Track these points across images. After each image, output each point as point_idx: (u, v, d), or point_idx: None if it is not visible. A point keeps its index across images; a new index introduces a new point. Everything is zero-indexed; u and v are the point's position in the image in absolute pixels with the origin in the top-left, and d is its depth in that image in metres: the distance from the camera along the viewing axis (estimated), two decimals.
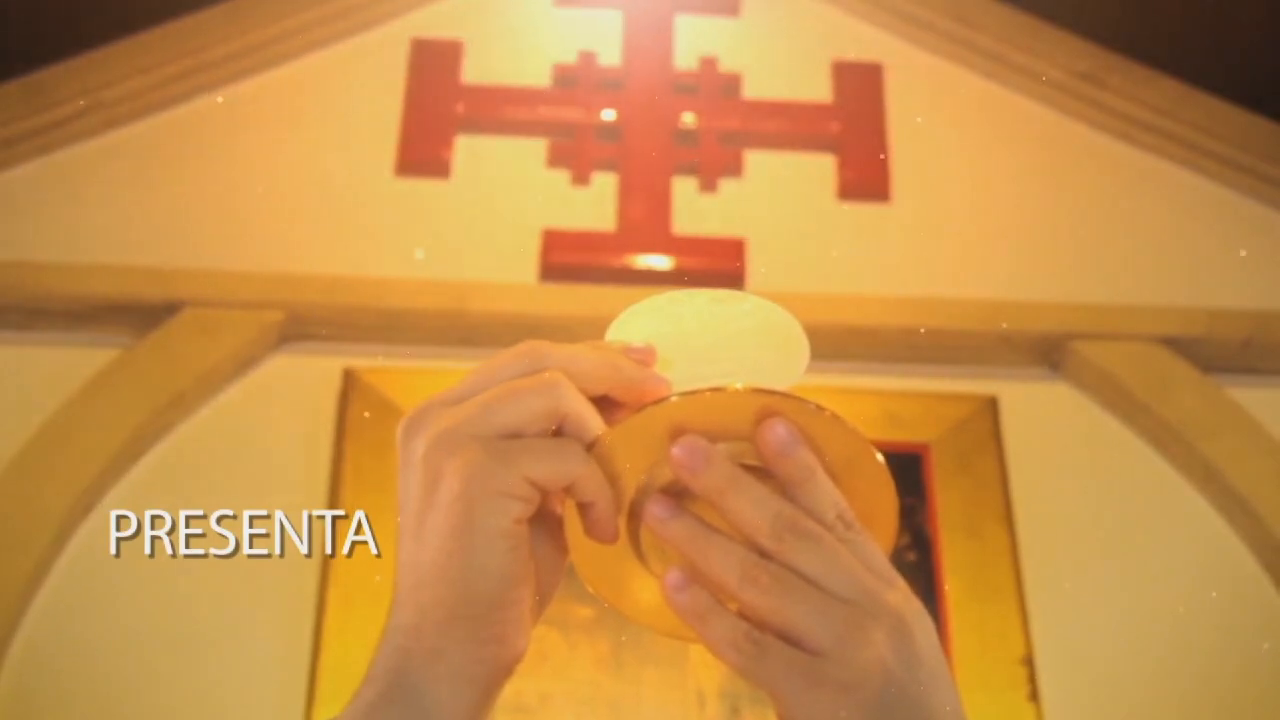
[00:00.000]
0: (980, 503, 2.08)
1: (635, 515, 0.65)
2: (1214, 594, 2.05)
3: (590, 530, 0.64)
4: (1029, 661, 1.96)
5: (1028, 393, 2.22)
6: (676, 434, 0.63)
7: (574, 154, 2.37)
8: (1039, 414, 2.21)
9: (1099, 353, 2.21)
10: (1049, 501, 2.12)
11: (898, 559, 0.66)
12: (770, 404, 0.63)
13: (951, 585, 2.00)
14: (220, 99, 2.37)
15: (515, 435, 0.61)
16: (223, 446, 2.10)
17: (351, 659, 1.85)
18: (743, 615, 0.62)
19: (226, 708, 1.92)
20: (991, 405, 2.18)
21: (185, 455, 2.09)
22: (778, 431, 0.62)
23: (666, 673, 1.93)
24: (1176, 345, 2.21)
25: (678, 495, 0.64)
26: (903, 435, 2.11)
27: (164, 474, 2.07)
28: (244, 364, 2.16)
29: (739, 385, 0.63)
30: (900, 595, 0.62)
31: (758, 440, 0.63)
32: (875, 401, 2.14)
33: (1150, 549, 2.10)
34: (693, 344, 0.67)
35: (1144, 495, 2.16)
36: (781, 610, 0.61)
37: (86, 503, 2.01)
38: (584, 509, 0.64)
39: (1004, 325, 2.21)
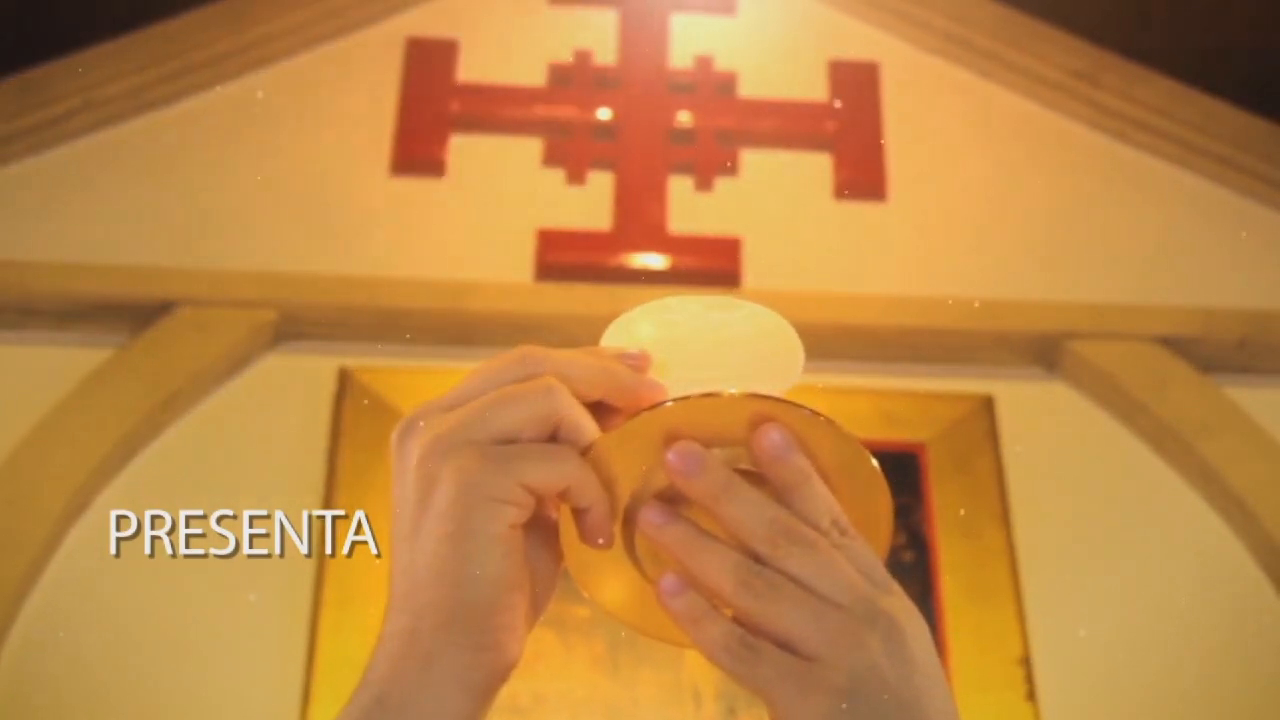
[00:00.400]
0: (977, 503, 2.08)
1: (630, 520, 0.64)
2: (1211, 593, 2.05)
3: (585, 536, 0.64)
4: (1026, 662, 1.96)
5: (1024, 392, 2.22)
6: (671, 439, 0.62)
7: (569, 153, 2.36)
8: (1036, 413, 2.20)
9: (1096, 352, 2.21)
10: (1046, 501, 2.11)
11: (893, 559, 0.66)
12: (765, 409, 0.63)
13: (948, 585, 2.00)
14: (215, 96, 2.37)
15: (510, 440, 0.61)
16: (217, 446, 2.10)
17: (346, 658, 1.85)
18: (737, 620, 0.62)
19: (221, 707, 1.91)
20: (988, 405, 2.17)
21: (179, 455, 2.09)
22: (772, 437, 0.62)
23: (662, 673, 1.92)
24: (1173, 345, 2.21)
25: (673, 501, 0.64)
26: (898, 435, 2.11)
27: (158, 473, 2.06)
28: (238, 363, 2.15)
29: (733, 390, 0.63)
30: (895, 600, 0.62)
31: (752, 445, 0.63)
32: (871, 401, 2.13)
33: (1147, 548, 2.10)
34: (688, 350, 0.67)
35: (1141, 495, 2.15)
36: (775, 615, 0.61)
37: (80, 502, 2.01)
38: (579, 514, 0.64)
39: (1000, 324, 2.21)
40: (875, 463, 0.65)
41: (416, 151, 2.34)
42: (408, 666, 0.60)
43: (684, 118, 2.40)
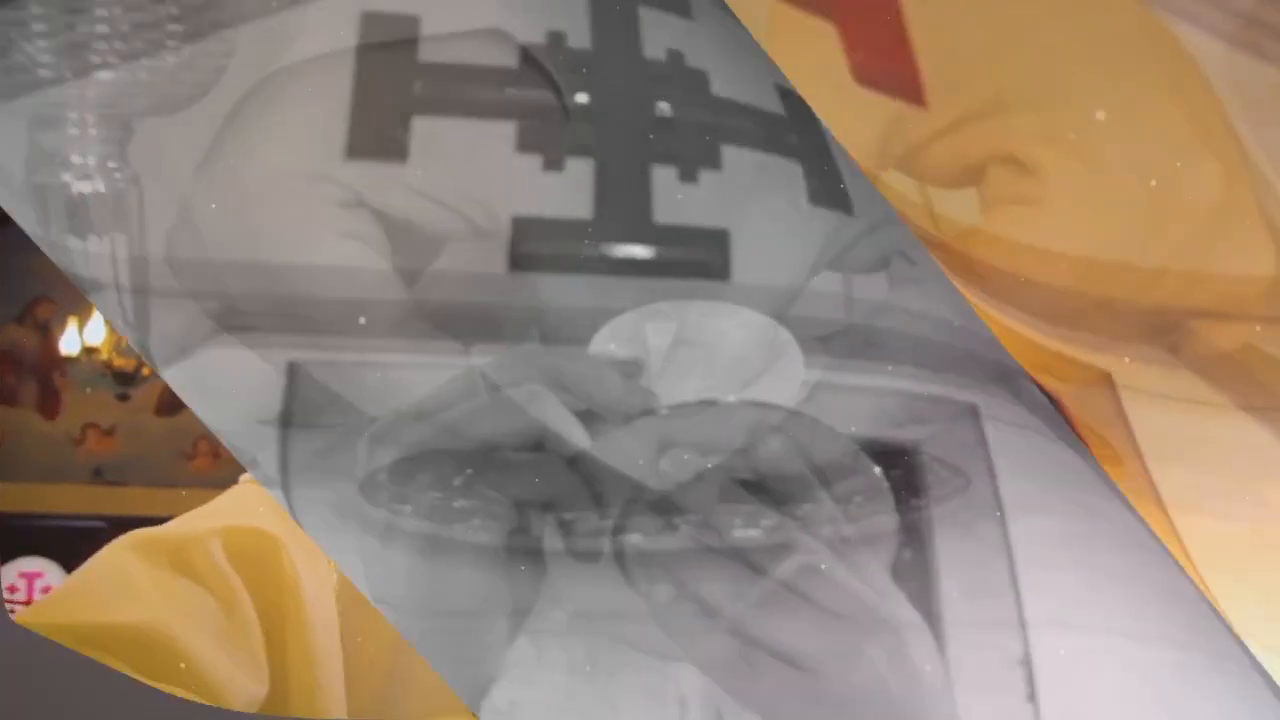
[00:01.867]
0: (976, 499, 2.06)
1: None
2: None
3: None
4: (1026, 662, 1.94)
5: None
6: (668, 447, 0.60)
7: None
8: None
9: None
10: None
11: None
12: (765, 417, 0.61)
13: (945, 584, 1.98)
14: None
15: None
16: None
17: None
18: (734, 633, 0.59)
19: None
20: None
21: None
22: (771, 445, 0.60)
23: (645, 678, 1.89)
24: None
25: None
26: (896, 431, 2.09)
27: None
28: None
29: (732, 398, 0.61)
30: (897, 609, 0.62)
31: (752, 454, 0.60)
32: (868, 397, 2.11)
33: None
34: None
35: None
36: (774, 627, 0.58)
37: None
38: None
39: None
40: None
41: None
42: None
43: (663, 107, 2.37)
